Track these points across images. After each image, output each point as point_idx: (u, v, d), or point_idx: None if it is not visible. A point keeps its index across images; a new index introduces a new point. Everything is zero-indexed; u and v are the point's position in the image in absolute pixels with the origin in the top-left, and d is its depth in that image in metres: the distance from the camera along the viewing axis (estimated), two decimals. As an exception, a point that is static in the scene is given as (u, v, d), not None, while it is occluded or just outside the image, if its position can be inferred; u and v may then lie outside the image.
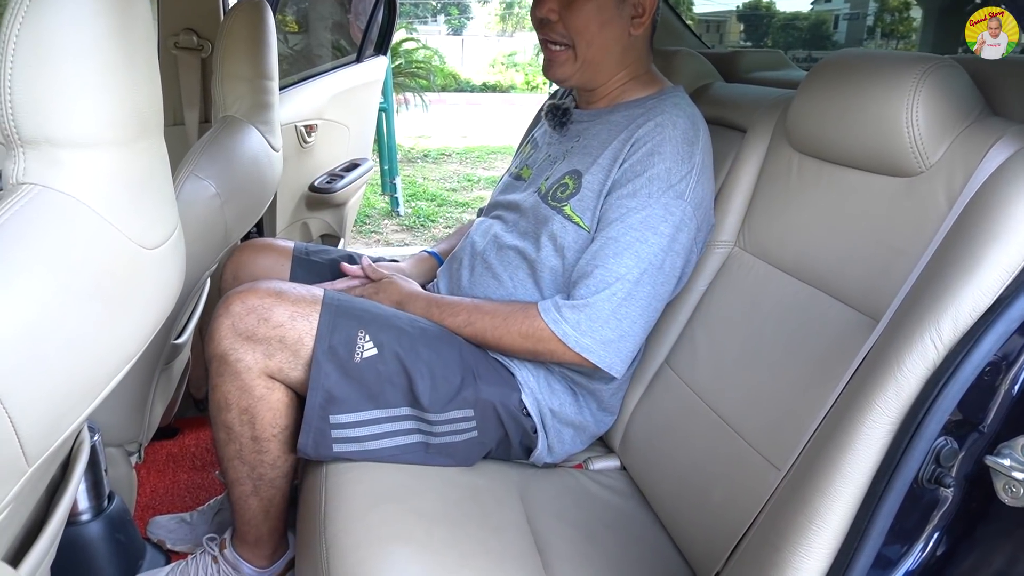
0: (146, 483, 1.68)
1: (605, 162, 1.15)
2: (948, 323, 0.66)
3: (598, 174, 1.15)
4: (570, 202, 1.17)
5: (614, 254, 1.09)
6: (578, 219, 1.16)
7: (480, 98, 13.31)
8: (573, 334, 1.08)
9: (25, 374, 0.58)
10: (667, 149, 1.11)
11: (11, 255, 0.58)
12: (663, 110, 1.15)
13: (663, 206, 1.09)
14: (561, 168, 1.22)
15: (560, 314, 1.09)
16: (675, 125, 1.13)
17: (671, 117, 1.13)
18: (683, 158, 1.11)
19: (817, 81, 1.04)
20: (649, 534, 1.11)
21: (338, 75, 2.34)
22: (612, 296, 1.08)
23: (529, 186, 1.29)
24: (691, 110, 1.17)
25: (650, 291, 1.10)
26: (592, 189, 1.15)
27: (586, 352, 1.08)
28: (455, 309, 1.19)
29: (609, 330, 1.08)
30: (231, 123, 1.41)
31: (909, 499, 0.65)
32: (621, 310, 1.09)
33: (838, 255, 1.00)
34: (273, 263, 1.40)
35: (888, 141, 0.91)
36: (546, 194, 1.21)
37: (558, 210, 1.18)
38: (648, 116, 1.15)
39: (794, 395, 0.96)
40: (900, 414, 0.67)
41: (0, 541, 0.73)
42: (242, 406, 1.08)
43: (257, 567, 1.25)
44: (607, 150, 1.16)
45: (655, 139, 1.11)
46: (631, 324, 1.10)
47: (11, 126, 0.61)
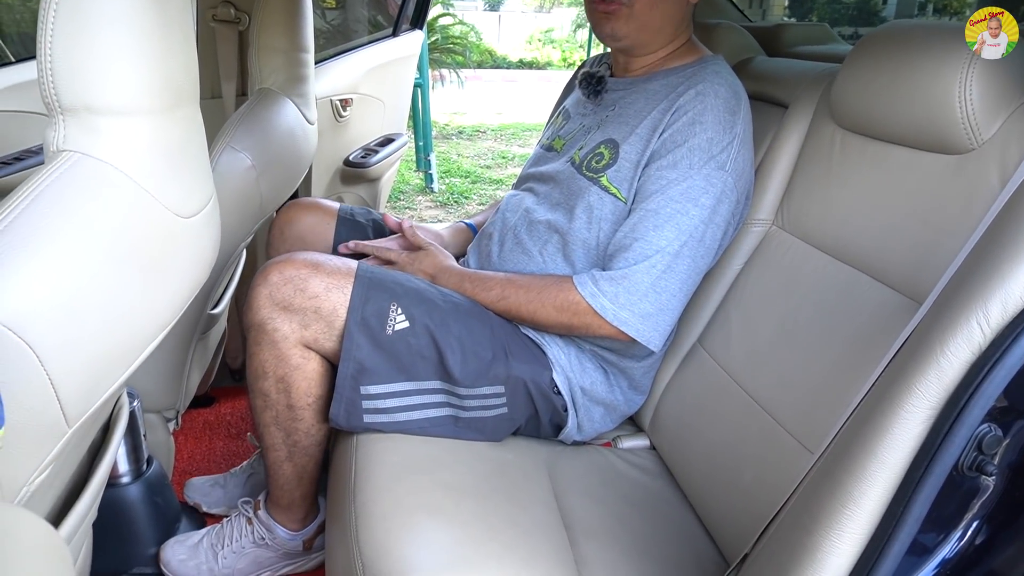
0: (183, 449, 1.72)
1: (644, 132, 1.13)
2: (997, 306, 0.64)
3: (636, 144, 1.13)
4: (607, 172, 1.15)
5: (654, 226, 1.07)
6: (615, 190, 1.14)
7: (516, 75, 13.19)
8: (611, 307, 1.07)
9: (65, 338, 0.60)
10: (708, 118, 1.08)
11: (51, 221, 0.60)
12: (704, 78, 1.12)
13: (704, 177, 1.07)
14: (596, 137, 1.20)
15: (597, 287, 1.08)
16: (717, 94, 1.10)
17: (712, 86, 1.10)
18: (725, 128, 1.08)
19: (865, 53, 1.00)
20: (677, 514, 1.10)
21: (374, 49, 2.33)
22: (651, 268, 1.06)
23: (561, 156, 1.27)
24: (732, 79, 1.14)
25: (690, 264, 1.08)
26: (630, 160, 1.13)
27: (623, 325, 1.07)
28: (488, 283, 1.18)
29: (648, 303, 1.07)
30: (267, 95, 1.41)
31: (948, 486, 0.63)
32: (660, 283, 1.07)
33: (880, 235, 0.97)
34: (318, 221, 1.41)
35: (938, 116, 0.88)
36: (581, 164, 1.19)
37: (595, 180, 1.16)
38: (689, 85, 1.12)
39: (830, 378, 0.94)
40: (941, 399, 0.64)
41: (44, 499, 0.76)
42: (278, 374, 1.10)
43: (290, 530, 1.28)
44: (646, 120, 1.14)
45: (696, 108, 1.09)
46: (670, 297, 1.08)
47: (52, 93, 0.62)
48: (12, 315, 0.55)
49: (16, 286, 0.56)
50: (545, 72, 13.78)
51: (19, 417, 0.57)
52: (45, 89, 0.62)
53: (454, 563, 0.88)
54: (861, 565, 0.64)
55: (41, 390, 0.58)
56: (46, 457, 0.63)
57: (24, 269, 0.57)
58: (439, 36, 8.70)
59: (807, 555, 0.66)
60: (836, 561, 0.64)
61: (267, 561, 1.30)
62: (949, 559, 0.66)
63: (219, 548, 1.28)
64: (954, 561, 0.66)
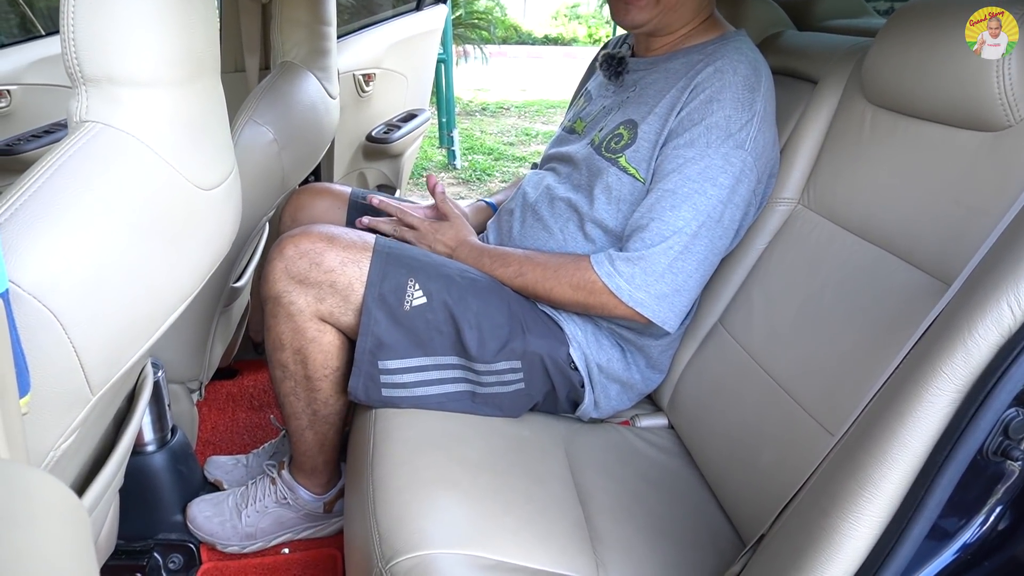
0: (207, 420, 1.75)
1: (662, 111, 1.11)
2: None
3: (654, 123, 1.11)
4: (625, 153, 1.13)
5: (671, 207, 1.05)
6: (633, 170, 1.12)
7: (541, 51, 13.04)
8: (627, 288, 1.06)
9: (88, 306, 0.61)
10: (726, 96, 1.06)
11: (73, 191, 0.60)
12: (723, 55, 1.09)
13: (722, 156, 1.05)
14: (616, 118, 1.18)
15: (614, 267, 1.07)
16: (735, 71, 1.07)
17: (731, 63, 1.08)
18: (743, 106, 1.06)
19: (899, 26, 0.97)
20: (694, 493, 1.10)
21: (397, 23, 2.32)
22: (668, 250, 1.05)
23: (583, 138, 1.25)
24: (753, 55, 1.11)
25: (707, 245, 1.07)
26: (648, 139, 1.12)
27: (639, 306, 1.06)
28: (506, 259, 1.18)
29: (664, 284, 1.06)
30: (289, 69, 1.41)
31: (971, 471, 0.62)
32: (677, 264, 1.06)
33: (909, 215, 0.95)
34: (329, 207, 1.41)
35: (974, 92, 0.85)
36: (600, 145, 1.18)
37: (613, 161, 1.14)
38: (707, 62, 1.10)
39: (853, 360, 0.93)
40: (967, 382, 0.63)
41: (70, 465, 0.77)
42: (295, 346, 1.11)
43: (313, 493, 1.32)
44: (665, 98, 1.12)
45: (714, 85, 1.07)
46: (686, 278, 1.07)
47: (74, 64, 0.62)
48: (36, 284, 0.56)
49: (40, 255, 0.57)
50: (570, 48, 13.60)
51: (44, 384, 0.58)
52: (68, 60, 0.62)
53: (470, 537, 0.89)
54: (879, 548, 0.63)
55: (65, 358, 0.59)
56: (71, 424, 0.64)
57: (47, 238, 0.57)
58: (463, 11, 8.62)
59: (824, 537, 0.65)
60: (854, 544, 0.64)
61: (289, 522, 1.34)
62: (970, 544, 0.65)
63: (243, 507, 1.32)
64: (976, 546, 0.65)
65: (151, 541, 1.30)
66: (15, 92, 2.07)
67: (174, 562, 1.30)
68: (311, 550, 1.37)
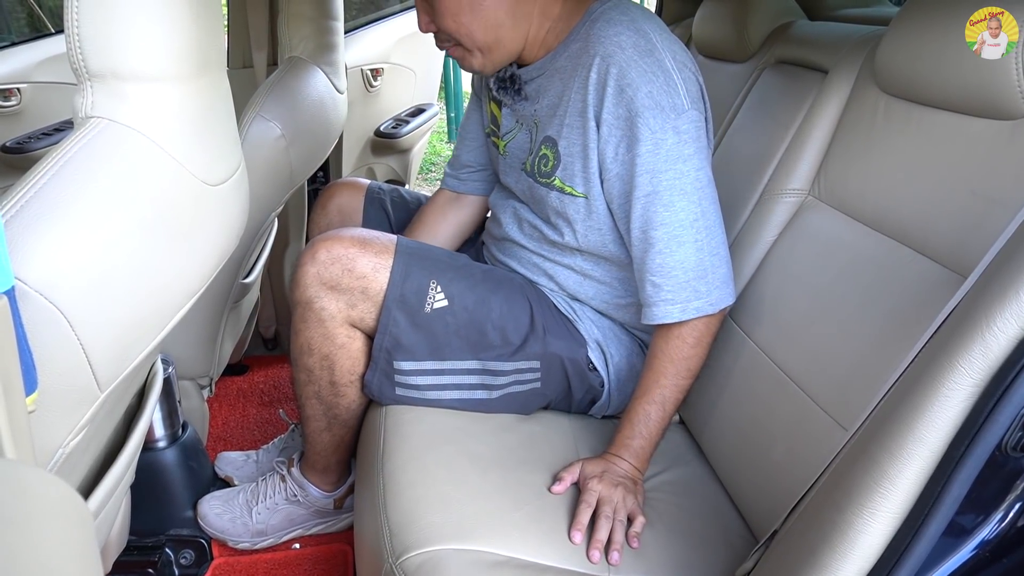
0: (217, 416, 1.76)
1: (574, 120, 1.05)
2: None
3: (571, 136, 1.06)
4: (556, 175, 1.10)
5: (664, 206, 1.01)
6: (570, 188, 1.08)
7: (549, 44, 12.96)
8: (697, 303, 1.03)
9: (95, 303, 0.60)
10: (632, 75, 0.98)
11: (79, 187, 0.60)
12: (599, 36, 1.01)
13: (673, 131, 0.99)
14: (536, 137, 1.13)
15: (674, 304, 1.03)
16: (621, 46, 0.99)
17: (612, 42, 1.00)
18: (653, 73, 0.98)
19: (914, 13, 0.95)
20: (705, 488, 1.09)
21: (405, 18, 2.31)
22: (689, 244, 1.02)
23: (515, 167, 1.20)
24: (626, 16, 1.02)
25: (712, 207, 1.04)
26: (572, 154, 1.07)
27: (722, 303, 1.05)
28: (648, 412, 1.06)
29: (710, 267, 1.03)
30: (296, 64, 1.41)
31: (989, 466, 0.61)
32: (706, 247, 1.03)
33: (924, 206, 0.93)
34: (352, 198, 1.44)
35: (991, 80, 0.83)
36: (534, 172, 1.14)
37: (550, 186, 1.11)
38: (588, 50, 1.02)
39: (866, 353, 0.91)
40: (986, 376, 0.62)
41: (80, 462, 0.77)
42: (323, 352, 1.11)
43: (323, 491, 1.32)
44: (569, 104, 1.05)
45: (613, 73, 0.99)
46: (719, 245, 1.05)
47: (79, 59, 0.62)
48: (42, 280, 0.56)
49: (46, 252, 0.57)
50: (579, 41, 13.52)
51: (51, 381, 0.58)
52: (72, 55, 0.62)
53: (480, 533, 0.89)
54: (895, 545, 0.62)
55: (72, 355, 0.59)
56: (80, 421, 0.64)
57: (53, 235, 0.57)
58: (471, 5, 8.56)
59: (838, 533, 0.64)
60: (869, 540, 0.63)
61: (300, 518, 1.34)
62: (989, 541, 0.64)
63: (254, 504, 1.32)
64: (994, 543, 0.64)
65: (163, 537, 1.31)
66: (25, 90, 2.08)
67: (186, 558, 1.31)
68: (321, 546, 1.37)
